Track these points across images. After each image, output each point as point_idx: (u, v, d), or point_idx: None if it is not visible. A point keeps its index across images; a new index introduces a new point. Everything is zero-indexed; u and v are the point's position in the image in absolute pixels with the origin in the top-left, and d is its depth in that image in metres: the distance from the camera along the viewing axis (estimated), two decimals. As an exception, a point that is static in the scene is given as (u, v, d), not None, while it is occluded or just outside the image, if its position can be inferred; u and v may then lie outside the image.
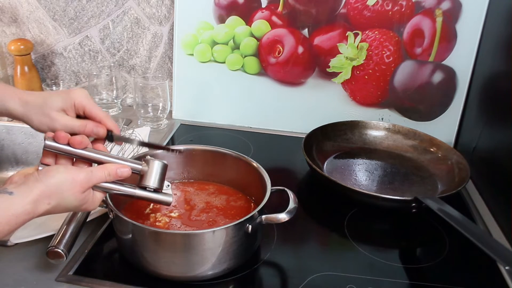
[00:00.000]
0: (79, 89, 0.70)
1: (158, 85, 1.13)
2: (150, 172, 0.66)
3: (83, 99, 0.68)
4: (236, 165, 0.81)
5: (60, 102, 0.67)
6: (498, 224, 0.85)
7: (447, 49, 1.07)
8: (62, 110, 0.67)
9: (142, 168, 0.66)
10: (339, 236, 0.81)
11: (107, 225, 0.77)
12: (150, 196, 0.67)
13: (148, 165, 0.66)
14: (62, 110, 0.68)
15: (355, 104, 1.15)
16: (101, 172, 0.62)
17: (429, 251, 0.81)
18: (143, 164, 0.66)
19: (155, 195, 0.67)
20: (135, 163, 0.66)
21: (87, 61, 1.27)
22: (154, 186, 0.66)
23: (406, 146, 1.05)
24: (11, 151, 1.13)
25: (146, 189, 0.66)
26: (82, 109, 0.68)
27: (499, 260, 0.61)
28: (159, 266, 0.66)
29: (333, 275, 0.70)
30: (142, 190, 0.66)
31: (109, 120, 0.70)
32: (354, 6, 1.08)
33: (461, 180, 0.88)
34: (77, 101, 0.68)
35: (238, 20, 1.13)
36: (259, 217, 0.67)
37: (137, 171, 0.66)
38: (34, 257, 0.71)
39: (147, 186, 0.66)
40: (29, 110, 0.67)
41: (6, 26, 1.25)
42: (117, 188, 0.65)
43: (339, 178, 0.94)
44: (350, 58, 1.11)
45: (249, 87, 1.18)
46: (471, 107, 1.08)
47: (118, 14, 1.19)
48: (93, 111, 0.68)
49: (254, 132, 1.18)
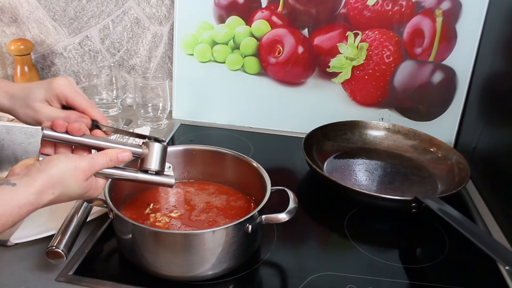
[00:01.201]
0: (62, 78, 0.67)
1: (158, 85, 1.13)
2: (150, 155, 0.66)
3: (65, 88, 0.66)
4: (236, 165, 0.81)
5: (42, 93, 0.66)
6: (498, 224, 0.85)
7: (447, 49, 1.07)
8: (45, 101, 0.66)
9: (143, 151, 0.66)
10: (339, 236, 0.81)
11: (107, 225, 0.77)
12: (152, 179, 0.67)
13: (148, 148, 0.66)
14: (46, 101, 0.66)
15: (355, 104, 1.15)
16: (103, 159, 0.62)
17: (429, 251, 0.81)
18: (143, 147, 0.66)
19: (157, 177, 0.67)
20: (135, 146, 0.66)
21: (87, 61, 1.27)
22: (155, 169, 0.66)
23: (406, 146, 1.05)
24: (11, 151, 1.13)
25: (148, 172, 0.66)
26: (64, 99, 0.66)
27: (499, 260, 0.61)
28: (159, 266, 0.66)
29: (333, 275, 0.70)
30: (144, 173, 0.66)
31: (93, 109, 0.67)
32: (354, 6, 1.08)
33: (461, 180, 0.88)
34: (58, 90, 0.66)
35: (238, 20, 1.13)
36: (259, 217, 0.67)
37: (137, 155, 0.66)
38: (34, 257, 0.71)
39: (148, 169, 0.66)
40: (14, 103, 0.66)
41: (6, 26, 1.25)
42: (119, 173, 0.65)
43: (339, 178, 0.94)
44: (350, 58, 1.11)
45: (249, 87, 1.18)
46: (471, 107, 1.08)
47: (118, 14, 1.19)
48: (76, 100, 0.66)
49: (254, 132, 1.18)
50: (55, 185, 0.56)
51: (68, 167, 0.58)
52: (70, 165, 0.58)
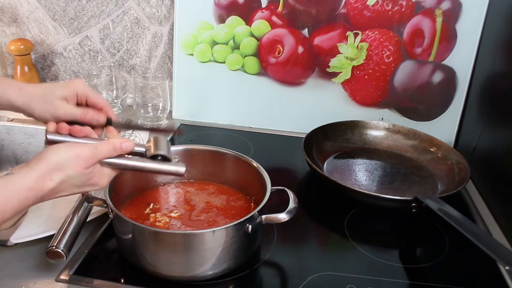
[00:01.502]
0: (80, 80, 0.74)
1: (158, 85, 1.13)
2: (156, 143, 0.66)
3: (85, 88, 0.72)
4: (236, 165, 0.81)
5: (62, 91, 0.70)
6: (498, 224, 0.85)
7: (447, 49, 1.07)
8: (64, 99, 0.70)
9: (148, 145, 0.67)
10: (339, 236, 0.81)
11: (107, 225, 0.77)
12: (161, 167, 0.66)
13: (152, 139, 0.67)
14: (65, 99, 0.70)
15: (355, 104, 1.15)
16: (106, 147, 0.62)
17: (429, 251, 0.81)
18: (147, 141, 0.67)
19: (166, 165, 0.66)
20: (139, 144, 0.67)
21: (87, 61, 1.27)
22: (163, 153, 0.65)
23: (406, 146, 1.05)
24: (11, 151, 1.13)
25: (157, 158, 0.65)
26: (85, 97, 0.72)
27: (499, 260, 0.61)
28: (159, 266, 0.66)
29: (333, 275, 0.70)
30: (152, 162, 0.66)
31: (109, 108, 0.74)
32: (354, 6, 1.08)
33: (461, 180, 0.88)
34: (80, 91, 0.71)
35: (238, 20, 1.13)
36: (259, 217, 0.67)
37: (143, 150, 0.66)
38: (34, 257, 0.71)
39: (157, 154, 0.65)
40: (30, 100, 0.69)
41: (6, 26, 1.25)
42: (125, 162, 0.64)
43: (339, 178, 0.94)
44: (350, 58, 1.11)
45: (249, 87, 1.18)
46: (471, 107, 1.08)
47: (118, 14, 1.19)
48: (96, 100, 0.72)
49: (254, 132, 1.18)
50: (54, 171, 0.57)
51: (69, 155, 0.58)
52: (71, 153, 0.59)
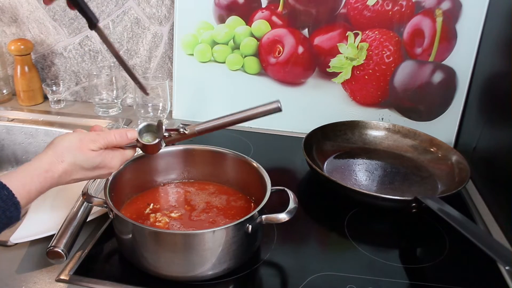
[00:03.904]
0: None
1: (158, 85, 1.13)
2: None
3: None
4: (236, 165, 0.81)
5: None
6: (498, 224, 0.85)
7: (447, 49, 1.07)
8: None
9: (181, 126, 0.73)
10: (339, 236, 0.81)
11: (107, 225, 0.77)
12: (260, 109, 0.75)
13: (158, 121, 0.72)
14: None
15: (355, 104, 1.15)
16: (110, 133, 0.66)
17: (429, 251, 0.81)
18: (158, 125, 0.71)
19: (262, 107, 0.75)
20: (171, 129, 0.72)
21: (87, 61, 1.26)
22: None
23: (406, 146, 1.05)
24: (11, 151, 1.13)
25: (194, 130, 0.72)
26: None
27: (499, 260, 0.61)
28: (159, 266, 0.66)
29: (333, 275, 0.70)
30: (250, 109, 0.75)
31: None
32: (354, 6, 1.08)
33: (461, 180, 0.88)
34: None
35: (238, 20, 1.13)
36: (259, 217, 0.67)
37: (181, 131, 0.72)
38: (34, 257, 0.71)
39: None
40: None
41: (6, 26, 1.25)
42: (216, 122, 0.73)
43: (339, 178, 0.94)
44: (350, 58, 1.11)
45: (249, 87, 1.18)
46: (471, 107, 1.08)
47: (118, 14, 1.19)
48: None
49: (254, 132, 1.18)
50: (63, 153, 0.62)
51: (73, 139, 0.63)
52: (75, 137, 0.63)
